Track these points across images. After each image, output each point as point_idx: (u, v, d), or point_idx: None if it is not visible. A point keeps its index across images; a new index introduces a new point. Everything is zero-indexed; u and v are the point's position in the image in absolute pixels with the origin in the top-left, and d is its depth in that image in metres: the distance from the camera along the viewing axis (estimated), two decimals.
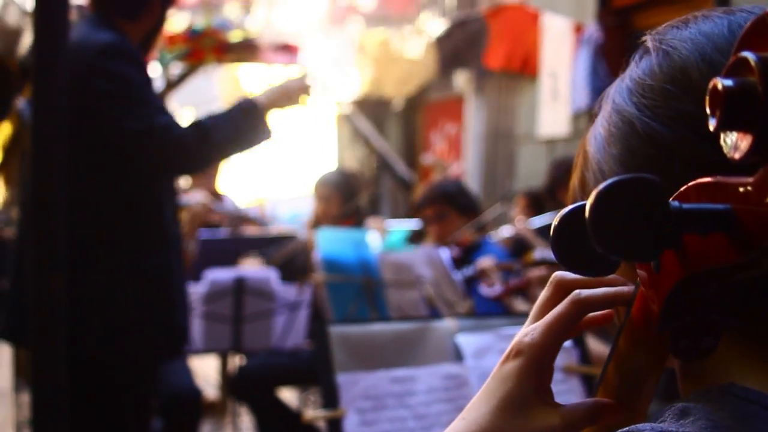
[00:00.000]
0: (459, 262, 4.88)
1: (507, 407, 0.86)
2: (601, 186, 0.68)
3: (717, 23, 0.85)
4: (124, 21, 3.24)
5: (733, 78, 0.63)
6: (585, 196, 0.90)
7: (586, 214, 0.68)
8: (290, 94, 3.31)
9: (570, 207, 0.79)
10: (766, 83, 0.60)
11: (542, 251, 4.52)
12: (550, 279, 0.92)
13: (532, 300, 4.20)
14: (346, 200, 5.94)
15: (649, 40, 0.89)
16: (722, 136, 0.65)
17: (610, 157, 0.88)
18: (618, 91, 0.90)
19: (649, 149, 0.83)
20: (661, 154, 0.81)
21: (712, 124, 0.64)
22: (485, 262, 4.59)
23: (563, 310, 0.87)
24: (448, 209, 5.19)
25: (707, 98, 0.65)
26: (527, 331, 0.88)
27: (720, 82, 0.63)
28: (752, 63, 0.61)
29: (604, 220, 0.67)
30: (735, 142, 0.64)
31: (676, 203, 0.68)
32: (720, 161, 0.67)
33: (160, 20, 3.36)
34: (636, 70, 0.89)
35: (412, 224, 6.52)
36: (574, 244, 0.79)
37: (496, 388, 0.87)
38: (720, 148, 0.67)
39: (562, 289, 0.91)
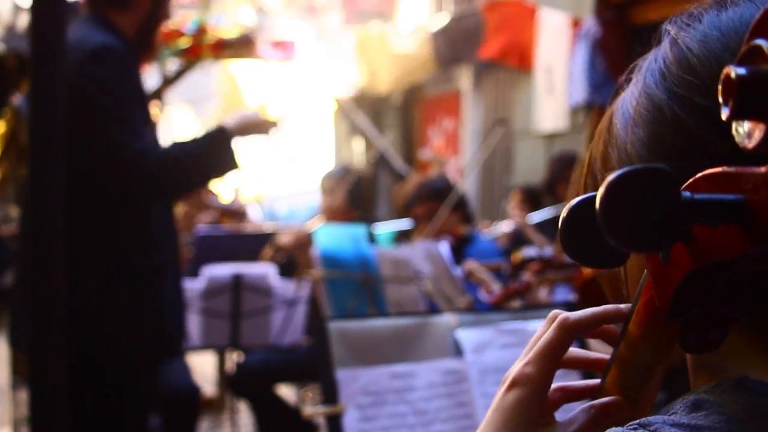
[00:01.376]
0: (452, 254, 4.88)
1: None
2: (612, 176, 0.66)
3: (756, 8, 0.81)
4: (114, 11, 3.22)
5: (747, 66, 0.62)
6: (606, 172, 0.88)
7: (597, 204, 0.67)
8: (257, 124, 3.32)
9: (579, 198, 0.78)
10: None
11: (530, 249, 4.52)
12: (549, 316, 0.93)
13: (531, 303, 4.18)
14: (350, 193, 5.94)
15: (673, 27, 0.86)
16: (734, 125, 0.64)
17: (637, 139, 0.85)
18: (650, 71, 0.86)
19: (676, 138, 0.80)
20: (689, 144, 0.79)
21: (725, 113, 0.63)
22: (471, 263, 4.58)
23: (552, 336, 0.90)
24: (438, 207, 5.17)
25: (719, 87, 0.64)
26: (523, 364, 0.90)
27: (733, 71, 0.62)
28: (766, 51, 0.60)
29: (615, 211, 0.66)
30: (748, 131, 0.63)
31: (687, 194, 0.66)
32: (740, 155, 0.66)
33: (154, 10, 3.32)
34: (668, 53, 0.85)
35: (399, 225, 6.52)
36: (583, 235, 0.78)
37: (500, 423, 0.89)
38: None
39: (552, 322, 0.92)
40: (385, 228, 6.57)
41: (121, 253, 3.14)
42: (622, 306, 0.89)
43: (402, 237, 6.28)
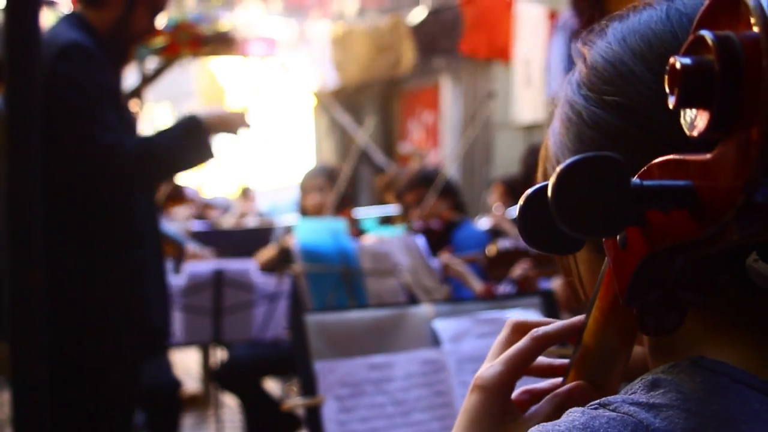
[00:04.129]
0: (439, 237, 4.95)
1: None
2: (563, 164, 0.68)
3: (657, 11, 0.87)
4: (89, 9, 3.22)
5: (691, 56, 0.64)
6: None
7: (549, 193, 0.69)
8: (229, 124, 3.32)
9: (534, 187, 0.80)
10: (722, 61, 0.61)
11: (505, 241, 4.55)
12: (506, 322, 0.98)
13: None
14: (339, 193, 5.96)
15: (592, 34, 0.93)
16: (681, 113, 0.66)
17: (566, 149, 0.90)
18: (569, 84, 0.92)
19: (597, 137, 0.85)
20: (609, 142, 0.83)
21: (671, 102, 0.65)
22: (446, 256, 4.65)
23: (523, 345, 0.94)
24: (427, 194, 5.32)
25: (666, 76, 0.66)
26: (488, 366, 0.94)
27: (678, 61, 0.64)
28: (709, 41, 0.62)
29: (566, 199, 0.68)
30: (693, 120, 0.65)
31: (637, 180, 0.68)
32: (669, 146, 0.70)
33: (128, 10, 3.29)
34: (582, 65, 0.91)
35: (382, 211, 6.55)
36: (539, 224, 0.80)
37: (467, 424, 0.94)
38: (659, 134, 0.73)
39: (518, 330, 0.97)
40: (369, 214, 6.60)
41: (103, 248, 3.14)
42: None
43: (386, 220, 6.33)
